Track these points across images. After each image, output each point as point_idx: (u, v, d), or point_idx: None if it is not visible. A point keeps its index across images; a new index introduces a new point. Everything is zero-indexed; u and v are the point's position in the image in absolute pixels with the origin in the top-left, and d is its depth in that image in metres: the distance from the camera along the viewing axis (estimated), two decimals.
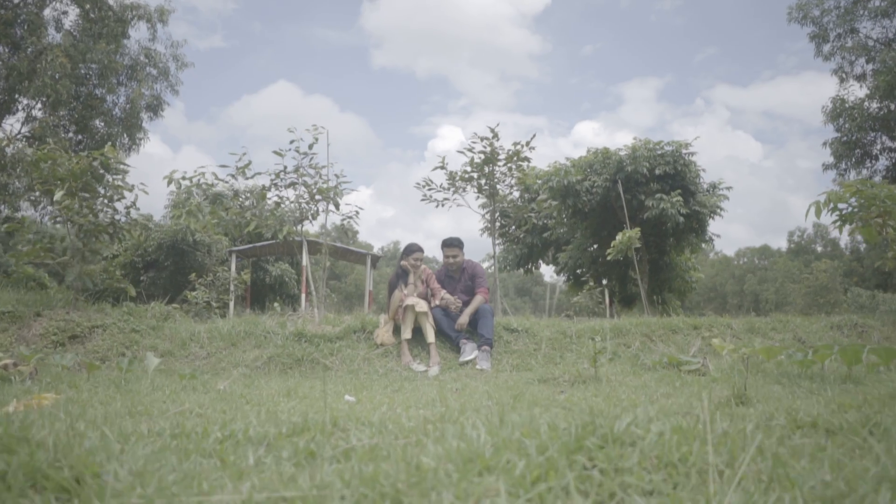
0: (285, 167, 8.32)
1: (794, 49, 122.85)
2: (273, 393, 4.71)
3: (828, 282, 59.25)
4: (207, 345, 7.42)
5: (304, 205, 8.44)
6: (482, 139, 9.82)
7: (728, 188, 20.00)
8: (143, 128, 20.36)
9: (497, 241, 27.89)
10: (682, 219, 18.39)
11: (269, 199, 8.32)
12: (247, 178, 8.18)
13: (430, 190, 10.34)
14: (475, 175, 10.10)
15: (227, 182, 8.10)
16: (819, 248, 74.79)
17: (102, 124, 19.78)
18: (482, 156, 9.87)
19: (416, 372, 6.90)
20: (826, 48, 20.75)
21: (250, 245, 22.42)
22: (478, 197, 10.60)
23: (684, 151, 19.05)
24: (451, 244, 7.69)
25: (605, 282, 20.86)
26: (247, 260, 23.81)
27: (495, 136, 9.88)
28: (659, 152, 19.09)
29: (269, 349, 7.26)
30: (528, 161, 9.98)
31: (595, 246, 22.12)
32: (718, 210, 19.30)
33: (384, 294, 8.24)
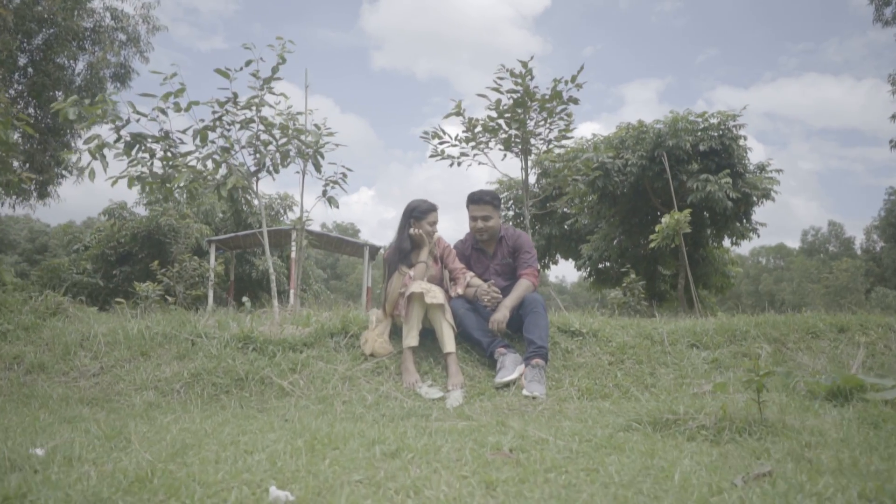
0: (235, 95, 5.70)
1: (795, 51, 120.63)
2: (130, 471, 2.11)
3: (848, 282, 56.77)
4: (104, 354, 4.80)
5: (263, 150, 5.80)
6: (512, 74, 7.21)
7: (778, 171, 17.33)
8: (108, 100, 17.58)
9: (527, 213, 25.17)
10: (730, 203, 15.76)
11: (213, 141, 5.70)
12: (178, 112, 5.56)
13: (441, 144, 7.73)
14: (502, 123, 7.49)
15: (149, 117, 5.48)
16: (832, 248, 72.38)
17: (61, 95, 17.14)
18: (512, 97, 7.29)
19: (426, 400, 4.30)
20: (889, 11, 18.16)
21: (231, 235, 19.79)
22: (504, 156, 7.97)
23: (731, 124, 16.42)
24: (481, 199, 5.08)
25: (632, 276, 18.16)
26: (230, 252, 21.19)
27: (528, 72, 7.29)
28: (703, 125, 16.45)
29: (197, 361, 4.65)
30: (576, 103, 7.38)
31: (622, 237, 19.49)
32: (772, 193, 16.63)
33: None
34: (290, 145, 5.94)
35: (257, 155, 5.72)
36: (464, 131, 7.76)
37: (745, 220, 17.55)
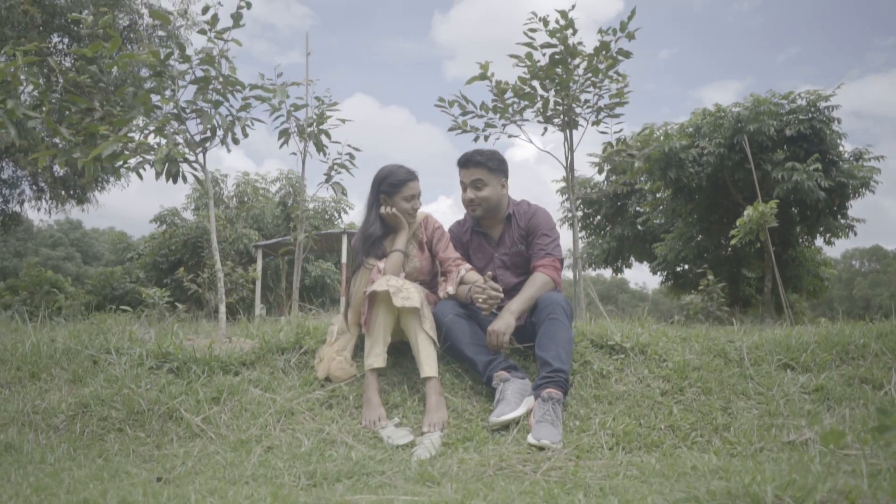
0: (182, 47, 4.49)
1: (883, 45, 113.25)
2: None
3: None
4: None
5: (210, 112, 4.54)
6: (545, 24, 5.80)
7: (879, 157, 15.19)
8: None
9: (577, 227, 23.21)
10: (822, 194, 13.80)
11: (157, 106, 4.49)
12: (111, 69, 4.40)
13: (463, 115, 6.35)
14: (536, 86, 6.08)
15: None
16: None
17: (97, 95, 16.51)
18: (547, 54, 5.88)
19: (388, 447, 2.96)
20: None
21: (278, 239, 18.86)
22: (545, 130, 6.52)
23: (823, 104, 14.43)
24: (470, 160, 3.69)
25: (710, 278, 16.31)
26: (281, 259, 20.28)
27: (569, 24, 5.88)
28: (789, 108, 14.52)
29: (93, 386, 3.43)
30: (628, 56, 5.89)
31: (700, 236, 17.62)
32: (871, 183, 14.53)
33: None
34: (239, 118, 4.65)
35: (199, 118, 4.46)
36: (493, 98, 6.36)
37: (839, 216, 15.49)
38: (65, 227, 51.86)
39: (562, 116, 6.39)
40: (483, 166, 3.61)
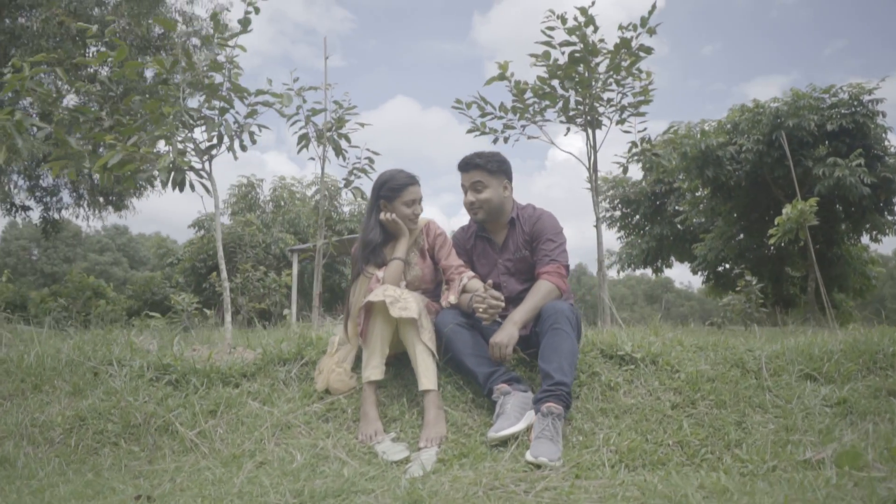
0: (189, 55, 4.47)
1: None
2: None
3: None
4: None
5: (216, 119, 4.49)
6: (563, 22, 5.63)
7: None
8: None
9: (612, 226, 22.76)
10: (866, 189, 13.31)
11: (162, 113, 4.46)
12: (117, 77, 4.40)
13: (482, 117, 6.23)
14: (556, 85, 5.92)
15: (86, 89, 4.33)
16: None
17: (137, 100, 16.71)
18: (566, 52, 5.71)
19: (383, 463, 2.86)
20: None
21: (311, 244, 18.95)
22: (567, 130, 6.35)
23: (866, 98, 13.93)
24: (469, 163, 3.56)
25: (754, 281, 15.90)
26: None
27: (589, 21, 5.70)
28: (830, 102, 14.05)
29: (91, 399, 3.40)
30: (649, 53, 5.69)
31: (741, 236, 17.17)
32: None
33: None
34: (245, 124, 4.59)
35: (204, 124, 4.42)
36: (513, 99, 6.22)
37: (886, 212, 14.95)
38: (112, 233, 53.08)
39: (584, 116, 6.22)
40: (482, 168, 3.49)
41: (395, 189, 3.47)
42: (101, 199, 16.40)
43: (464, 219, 3.89)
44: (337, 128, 6.37)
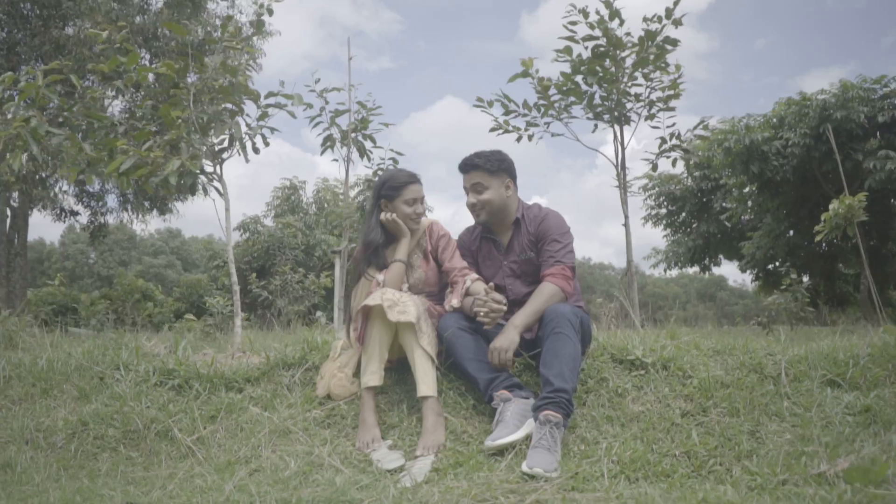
0: (201, 59, 4.46)
1: None
2: None
3: None
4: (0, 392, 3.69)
5: (227, 121, 4.46)
6: (585, 15, 5.46)
7: None
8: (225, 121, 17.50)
9: (654, 224, 22.22)
10: None
11: (179, 118, 4.46)
12: (126, 86, 4.41)
13: (505, 115, 6.10)
14: (580, 81, 5.76)
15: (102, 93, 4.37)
16: None
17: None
18: (590, 47, 5.55)
19: (378, 471, 2.78)
20: None
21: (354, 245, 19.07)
22: (595, 128, 6.19)
23: None
24: (469, 164, 3.45)
25: (805, 279, 15.32)
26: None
27: (613, 14, 5.52)
28: (881, 92, 13.50)
29: (96, 404, 3.41)
30: (675, 46, 5.49)
31: (791, 233, 16.63)
32: None
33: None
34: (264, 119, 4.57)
35: (212, 125, 4.40)
36: (538, 96, 6.09)
37: None
38: (165, 236, 54.34)
39: (613, 112, 6.05)
40: (482, 168, 3.38)
41: (395, 188, 3.40)
42: (146, 204, 16.72)
43: None
44: (361, 129, 6.33)
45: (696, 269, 22.86)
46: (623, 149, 6.19)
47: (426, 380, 3.04)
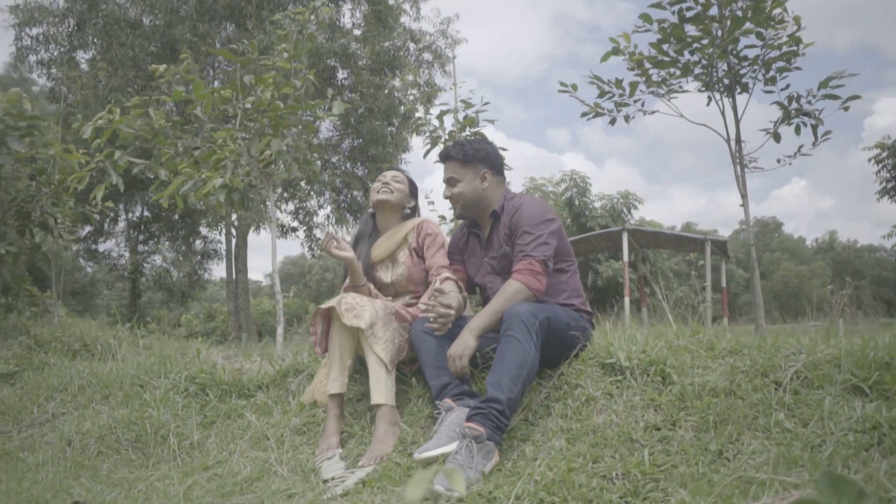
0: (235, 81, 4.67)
1: None
2: None
3: None
4: (71, 400, 4.17)
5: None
6: None
7: None
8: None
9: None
10: None
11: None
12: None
13: (601, 97, 5.61)
14: (669, 50, 5.09)
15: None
16: None
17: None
18: (675, 11, 4.90)
19: (322, 480, 2.74)
20: None
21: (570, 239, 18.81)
22: (709, 100, 5.54)
23: None
24: (443, 156, 3.26)
25: None
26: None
27: None
28: None
29: (126, 410, 3.72)
30: None
31: None
32: None
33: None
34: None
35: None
36: (635, 73, 5.57)
37: None
38: None
39: (712, 78, 5.38)
40: (454, 159, 3.18)
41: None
42: (349, 217, 17.88)
43: None
44: (470, 126, 6.26)
45: None
46: (737, 120, 5.47)
47: (378, 387, 2.93)
